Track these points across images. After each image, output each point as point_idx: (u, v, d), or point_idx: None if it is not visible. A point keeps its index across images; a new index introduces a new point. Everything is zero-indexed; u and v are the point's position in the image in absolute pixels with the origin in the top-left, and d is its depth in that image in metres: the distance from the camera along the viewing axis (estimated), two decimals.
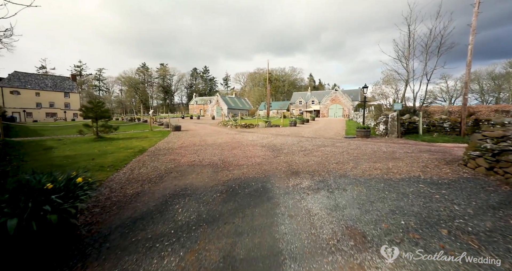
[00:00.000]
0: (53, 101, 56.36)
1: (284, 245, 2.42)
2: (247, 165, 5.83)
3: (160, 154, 7.43)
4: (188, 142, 10.08)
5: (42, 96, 54.79)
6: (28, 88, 53.01)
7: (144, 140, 11.08)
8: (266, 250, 2.35)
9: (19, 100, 51.48)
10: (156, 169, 5.48)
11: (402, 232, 2.63)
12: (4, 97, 49.97)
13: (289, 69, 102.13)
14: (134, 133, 14.57)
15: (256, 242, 2.49)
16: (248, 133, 13.74)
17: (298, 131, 15.26)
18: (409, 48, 12.66)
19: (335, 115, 49.95)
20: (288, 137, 11.83)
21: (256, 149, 8.04)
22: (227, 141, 10.34)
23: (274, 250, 2.35)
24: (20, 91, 51.94)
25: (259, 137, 11.61)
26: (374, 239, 2.51)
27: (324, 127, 18.39)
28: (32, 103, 53.12)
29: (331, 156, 6.76)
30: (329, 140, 10.37)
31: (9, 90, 50.64)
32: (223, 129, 17.06)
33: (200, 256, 2.29)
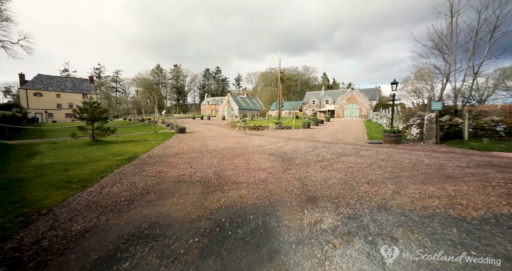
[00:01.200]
0: (72, 102, 58.45)
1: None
2: (248, 183, 4.51)
3: (149, 163, 6.31)
4: (187, 147, 8.95)
5: (62, 97, 57.02)
6: (49, 90, 55.36)
7: (142, 144, 10.12)
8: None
9: (41, 102, 53.85)
10: (132, 187, 4.31)
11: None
12: (28, 98, 52.51)
13: (302, 68, 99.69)
14: (135, 136, 13.77)
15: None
16: (255, 137, 12.43)
17: (312, 134, 13.70)
18: (451, 34, 10.52)
19: (351, 116, 47.29)
20: (301, 141, 10.36)
21: (262, 158, 6.70)
22: (230, 146, 9.08)
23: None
24: (43, 93, 54.33)
25: (267, 142, 10.24)
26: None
27: (341, 130, 16.63)
28: (53, 104, 55.40)
29: (357, 170, 5.26)
30: (351, 146, 8.78)
31: (33, 92, 53.13)
32: (230, 131, 15.88)
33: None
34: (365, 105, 46.07)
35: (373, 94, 57.51)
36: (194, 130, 17.16)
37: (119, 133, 15.97)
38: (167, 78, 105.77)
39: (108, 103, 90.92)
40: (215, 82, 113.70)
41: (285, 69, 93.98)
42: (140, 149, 8.75)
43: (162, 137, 12.93)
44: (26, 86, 52.44)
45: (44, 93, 54.39)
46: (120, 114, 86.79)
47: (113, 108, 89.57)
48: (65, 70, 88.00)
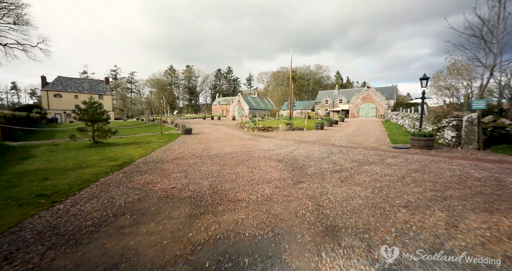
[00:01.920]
0: None
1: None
2: (249, 201, 3.62)
3: (141, 171, 5.59)
4: (188, 151, 8.20)
5: (80, 98, 59.04)
6: (68, 91, 57.64)
7: (143, 146, 9.52)
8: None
9: (61, 103, 56.19)
10: (108, 205, 3.55)
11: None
12: (49, 99, 55.01)
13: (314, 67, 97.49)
14: (140, 137, 13.30)
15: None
16: (264, 139, 11.50)
17: (326, 136, 12.54)
18: (498, 18, 8.85)
19: (367, 116, 45.02)
20: (314, 145, 9.30)
21: (269, 166, 5.78)
22: (235, 150, 8.23)
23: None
24: (62, 94, 56.67)
25: (276, 145, 9.28)
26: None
27: (358, 131, 15.29)
28: (71, 105, 57.54)
29: (387, 185, 4.20)
30: (373, 152, 7.62)
31: (53, 94, 55.55)
32: (237, 133, 15.06)
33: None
34: (382, 105, 43.65)
35: (390, 93, 54.61)
36: (201, 131, 16.53)
37: (125, 133, 15.68)
38: (179, 78, 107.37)
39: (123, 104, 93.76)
40: (227, 82, 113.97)
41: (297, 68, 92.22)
42: (139, 152, 8.12)
43: (167, 138, 12.36)
44: (47, 87, 54.93)
45: (63, 94, 56.71)
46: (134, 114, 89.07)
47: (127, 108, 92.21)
48: (84, 72, 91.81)
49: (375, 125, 20.85)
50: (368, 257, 2.22)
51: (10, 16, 28.30)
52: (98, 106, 9.68)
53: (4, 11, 27.60)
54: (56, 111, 54.47)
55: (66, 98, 56.90)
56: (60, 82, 57.97)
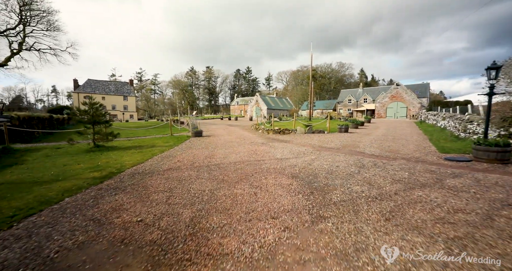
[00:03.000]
0: (114, 104, 63.79)
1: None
2: (238, 258, 2.26)
3: (119, 188, 4.52)
4: (188, 159, 7.08)
5: (106, 99, 62.52)
6: (96, 93, 61.20)
7: (144, 151, 8.64)
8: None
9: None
10: (28, 256, 2.43)
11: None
12: (80, 101, 58.84)
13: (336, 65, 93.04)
14: (147, 140, 12.61)
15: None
16: (278, 143, 10.04)
17: (352, 141, 10.70)
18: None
19: (396, 116, 41.08)
20: (339, 154, 7.63)
21: (278, 186, 4.36)
22: (242, 159, 6.91)
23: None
24: (91, 95, 60.29)
25: (292, 153, 7.78)
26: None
27: (391, 134, 13.11)
28: None
29: (467, 235, 2.56)
30: (420, 165, 5.81)
31: (83, 95, 59.28)
32: (251, 135, 13.77)
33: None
34: (413, 104, 39.48)
35: (422, 91, 49.61)
36: (213, 133, 15.54)
37: (138, 135, 15.23)
38: (200, 79, 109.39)
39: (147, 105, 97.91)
40: (246, 82, 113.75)
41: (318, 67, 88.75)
42: (134, 159, 7.19)
43: (174, 141, 11.48)
44: (78, 90, 58.86)
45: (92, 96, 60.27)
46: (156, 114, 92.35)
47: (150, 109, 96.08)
48: (112, 75, 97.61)
49: (408, 127, 18.21)
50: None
51: (42, 23, 30.10)
52: (99, 107, 9.03)
53: (37, 18, 29.39)
54: None
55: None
56: (90, 85, 61.74)
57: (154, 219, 3.14)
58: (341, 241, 2.51)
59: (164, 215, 3.25)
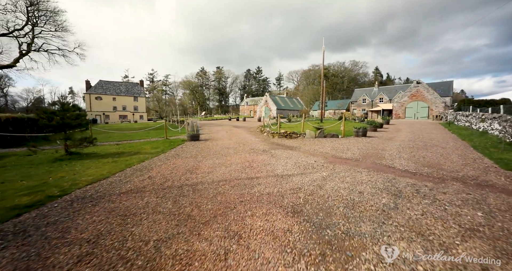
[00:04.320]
0: (125, 104, 64.39)
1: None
2: None
3: (26, 231, 3.03)
4: (163, 174, 5.54)
5: (117, 100, 63.23)
6: (107, 94, 62.01)
7: (120, 161, 7.25)
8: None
9: (101, 105, 60.71)
10: None
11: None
12: (91, 102, 59.77)
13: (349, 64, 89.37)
14: (135, 144, 11.29)
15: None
16: (283, 152, 8.30)
17: (374, 148, 8.75)
18: None
19: (416, 116, 37.84)
20: (359, 168, 5.79)
21: (269, 235, 2.66)
22: (229, 176, 5.26)
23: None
24: (102, 96, 61.17)
25: (297, 166, 6.02)
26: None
27: (419, 140, 10.96)
28: (110, 107, 61.87)
29: None
30: (490, 194, 3.88)
31: (95, 96, 60.28)
32: (253, 139, 12.12)
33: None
34: (436, 103, 36.11)
35: (445, 90, 45.76)
36: (213, 137, 14.04)
37: (134, 138, 14.04)
38: (210, 80, 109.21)
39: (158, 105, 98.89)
40: (256, 82, 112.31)
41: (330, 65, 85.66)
42: (99, 173, 5.76)
43: (164, 147, 10.07)
44: (89, 91, 59.81)
45: (103, 97, 61.13)
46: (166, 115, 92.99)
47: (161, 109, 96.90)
48: (125, 76, 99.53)
49: (436, 130, 15.78)
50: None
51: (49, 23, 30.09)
52: (72, 108, 7.75)
53: (45, 18, 29.36)
54: (97, 112, 58.82)
55: (105, 101, 61.23)
56: (101, 86, 62.66)
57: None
58: None
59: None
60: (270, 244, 2.52)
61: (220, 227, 2.92)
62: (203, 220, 3.12)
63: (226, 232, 2.79)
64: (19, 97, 71.91)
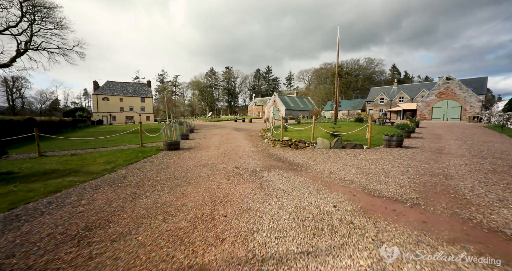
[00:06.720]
0: (132, 105, 63.64)
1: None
2: None
3: None
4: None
5: (124, 101, 62.57)
6: (114, 94, 61.44)
7: (19, 193, 4.60)
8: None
9: (108, 105, 60.20)
10: None
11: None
12: (98, 103, 59.39)
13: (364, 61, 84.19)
14: (93, 155, 8.64)
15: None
16: (280, 177, 5.29)
17: (427, 170, 5.51)
18: None
19: (445, 117, 33.21)
20: (434, 234, 2.67)
21: None
22: (147, 254, 2.36)
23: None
24: (109, 97, 60.65)
25: (301, 220, 2.97)
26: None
27: (487, 152, 7.51)
28: (116, 108, 61.27)
29: None
30: None
31: (102, 97, 59.85)
32: (248, 149, 9.18)
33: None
34: (471, 102, 31.35)
35: (477, 87, 40.56)
36: (201, 144, 11.27)
37: (103, 146, 11.57)
38: (219, 80, 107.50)
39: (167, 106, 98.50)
40: (266, 82, 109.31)
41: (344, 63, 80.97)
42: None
43: (125, 159, 7.39)
44: (97, 91, 59.43)
45: (110, 98, 60.59)
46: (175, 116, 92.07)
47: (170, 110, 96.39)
48: (136, 77, 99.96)
49: (490, 136, 12.04)
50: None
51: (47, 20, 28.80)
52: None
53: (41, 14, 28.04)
54: (103, 113, 58.29)
55: (112, 101, 60.64)
56: (108, 86, 62.20)
57: None
58: None
59: None
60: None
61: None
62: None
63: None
64: (34, 99, 73.69)
